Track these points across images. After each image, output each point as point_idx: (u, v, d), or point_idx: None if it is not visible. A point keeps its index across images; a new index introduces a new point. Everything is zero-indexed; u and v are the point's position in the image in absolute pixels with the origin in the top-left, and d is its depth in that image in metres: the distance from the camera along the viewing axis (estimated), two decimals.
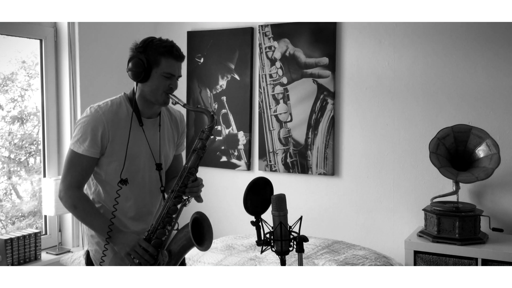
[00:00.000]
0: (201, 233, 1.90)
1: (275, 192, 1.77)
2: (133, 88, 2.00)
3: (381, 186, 3.31)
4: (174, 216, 1.92)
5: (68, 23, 3.44)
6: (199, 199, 1.97)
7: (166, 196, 2.01)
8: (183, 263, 2.21)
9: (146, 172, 2.02)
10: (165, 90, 1.94)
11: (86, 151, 1.91)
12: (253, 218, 1.74)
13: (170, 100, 1.97)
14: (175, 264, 1.91)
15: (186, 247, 1.89)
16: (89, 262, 2.06)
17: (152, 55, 1.91)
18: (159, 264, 1.89)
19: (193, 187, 1.94)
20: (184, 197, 1.94)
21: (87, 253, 2.07)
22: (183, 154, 2.29)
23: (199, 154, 1.93)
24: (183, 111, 2.34)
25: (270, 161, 3.62)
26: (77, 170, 1.94)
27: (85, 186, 2.02)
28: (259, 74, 3.65)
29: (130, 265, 1.90)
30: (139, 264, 1.88)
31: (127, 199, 1.99)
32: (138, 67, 1.91)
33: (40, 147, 3.52)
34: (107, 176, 1.98)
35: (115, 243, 1.90)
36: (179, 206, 1.93)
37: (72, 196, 1.94)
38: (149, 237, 1.91)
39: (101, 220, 1.93)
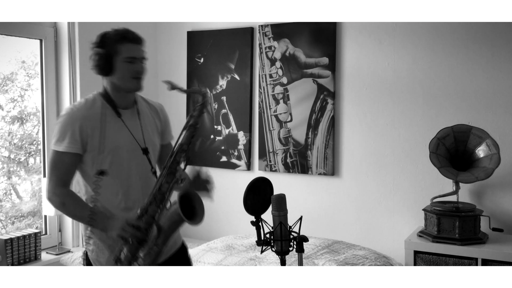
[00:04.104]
0: (192, 208, 1.86)
1: (275, 192, 1.77)
2: (102, 84, 2.02)
3: (381, 186, 3.31)
4: (166, 193, 1.89)
5: (68, 23, 3.44)
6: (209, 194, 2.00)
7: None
8: (189, 263, 2.20)
9: (132, 160, 2.01)
10: (133, 76, 1.95)
11: (67, 148, 1.93)
12: (253, 218, 1.74)
13: (168, 87, 1.93)
14: (164, 241, 1.87)
15: (177, 223, 1.85)
16: (88, 262, 2.06)
17: (109, 46, 1.93)
18: (149, 240, 1.85)
19: (183, 173, 1.93)
20: (178, 176, 1.91)
21: (85, 253, 2.07)
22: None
23: (191, 131, 1.91)
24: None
25: (270, 161, 3.62)
26: (61, 169, 1.95)
27: (79, 191, 2.02)
28: (259, 74, 3.65)
29: (124, 246, 1.87)
30: (134, 242, 1.84)
31: (116, 193, 1.98)
32: (99, 60, 1.94)
33: (40, 147, 3.52)
34: (93, 171, 1.97)
35: (106, 230, 1.89)
36: (171, 183, 1.90)
37: (59, 194, 1.94)
38: (141, 214, 1.88)
39: (89, 211, 1.94)
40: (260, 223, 1.73)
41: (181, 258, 2.16)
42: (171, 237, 1.92)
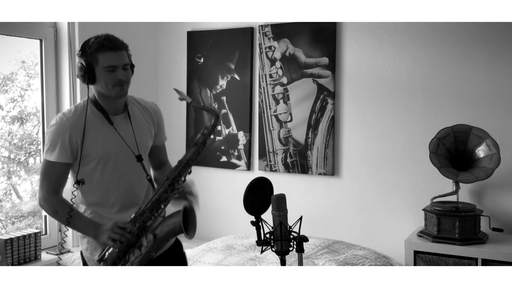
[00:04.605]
0: (186, 221, 1.90)
1: (275, 192, 1.77)
2: (89, 90, 2.02)
3: (381, 186, 3.31)
4: (163, 203, 1.93)
5: (68, 23, 3.44)
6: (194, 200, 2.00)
7: (154, 184, 2.05)
8: (185, 263, 2.21)
9: (124, 168, 2.02)
10: (115, 84, 1.94)
11: (57, 158, 1.95)
12: (253, 218, 1.74)
13: (179, 97, 1.96)
14: (156, 249, 1.90)
15: (173, 233, 1.89)
16: (83, 261, 2.09)
17: (90, 55, 1.93)
18: (140, 246, 1.88)
19: (186, 190, 1.97)
20: (177, 187, 1.95)
21: (81, 253, 2.10)
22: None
23: (199, 149, 1.97)
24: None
25: (270, 161, 3.62)
26: (52, 178, 1.98)
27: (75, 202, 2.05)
28: (259, 74, 3.65)
29: (114, 249, 1.90)
30: (123, 245, 1.88)
31: (109, 200, 2.01)
32: (81, 70, 1.94)
33: (40, 147, 3.52)
34: (86, 178, 2.00)
35: (97, 237, 1.93)
36: (170, 194, 1.93)
37: (52, 202, 1.97)
38: (135, 219, 1.91)
39: (82, 220, 1.98)
40: (260, 223, 1.73)
41: (175, 253, 2.17)
42: (164, 245, 1.95)
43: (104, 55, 1.92)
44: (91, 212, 2.02)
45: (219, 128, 3.81)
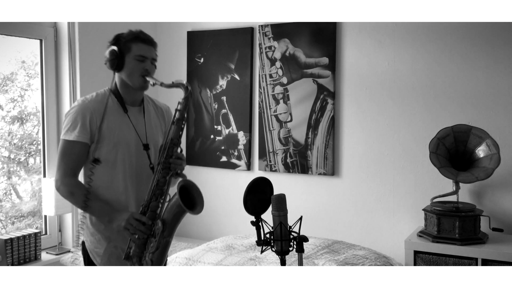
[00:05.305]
0: (191, 198, 1.94)
1: (275, 192, 1.77)
2: (113, 80, 2.11)
3: (381, 186, 3.31)
4: (164, 187, 1.98)
5: (68, 23, 3.45)
6: (182, 175, 2.02)
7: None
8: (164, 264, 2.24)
9: (133, 156, 2.08)
10: (141, 74, 2.05)
11: (77, 137, 2.00)
12: (253, 218, 1.74)
13: (151, 82, 2.05)
14: (170, 233, 1.95)
15: (179, 214, 1.94)
16: (85, 252, 2.11)
17: (123, 44, 2.04)
18: (154, 234, 1.93)
19: (176, 161, 1.99)
20: (172, 167, 2.00)
21: (83, 244, 2.13)
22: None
23: (179, 125, 2.02)
24: (169, 102, 2.40)
25: (270, 161, 3.62)
26: (71, 158, 2.02)
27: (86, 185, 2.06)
28: (259, 74, 3.64)
29: (129, 241, 1.95)
30: (138, 238, 1.93)
31: (118, 185, 2.05)
32: (111, 56, 2.03)
33: (40, 147, 3.52)
34: (101, 162, 2.03)
35: (111, 222, 1.97)
36: (167, 177, 1.98)
37: (68, 184, 2.01)
38: (143, 211, 1.96)
39: (98, 203, 2.02)
40: (260, 223, 1.73)
41: None
42: (176, 227, 1.99)
43: (137, 45, 2.04)
44: (99, 194, 2.05)
45: (219, 128, 3.81)
